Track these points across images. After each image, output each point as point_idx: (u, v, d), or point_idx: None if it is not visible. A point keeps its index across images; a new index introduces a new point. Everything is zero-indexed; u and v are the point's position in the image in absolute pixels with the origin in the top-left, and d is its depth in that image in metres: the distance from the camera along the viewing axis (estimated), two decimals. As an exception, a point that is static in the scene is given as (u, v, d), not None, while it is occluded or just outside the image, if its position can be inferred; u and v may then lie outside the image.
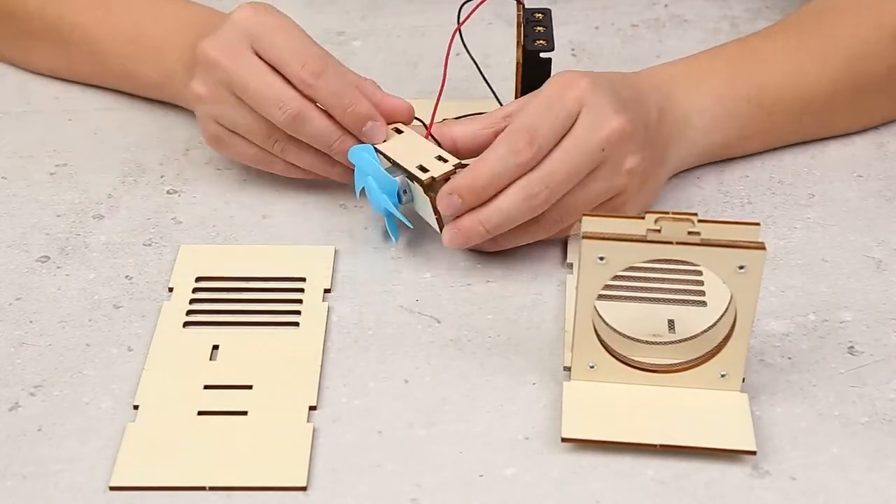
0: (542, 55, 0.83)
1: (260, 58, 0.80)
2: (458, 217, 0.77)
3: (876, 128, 0.93)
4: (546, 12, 0.86)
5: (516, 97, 0.85)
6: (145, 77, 0.91)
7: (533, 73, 0.83)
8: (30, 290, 0.80)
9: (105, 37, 0.92)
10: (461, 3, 0.83)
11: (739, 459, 0.69)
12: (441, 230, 0.79)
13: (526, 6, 0.85)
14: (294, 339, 0.76)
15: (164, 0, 0.91)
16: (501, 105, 0.87)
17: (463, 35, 0.83)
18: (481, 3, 0.82)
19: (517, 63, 0.83)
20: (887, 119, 0.93)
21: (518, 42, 0.83)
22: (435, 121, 0.81)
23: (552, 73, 0.81)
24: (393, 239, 0.82)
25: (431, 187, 0.78)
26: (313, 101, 0.80)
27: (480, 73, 0.87)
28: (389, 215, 0.81)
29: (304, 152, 0.83)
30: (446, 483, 0.68)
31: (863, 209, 0.86)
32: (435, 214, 0.79)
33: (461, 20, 0.82)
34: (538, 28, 0.84)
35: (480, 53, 0.88)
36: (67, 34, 0.93)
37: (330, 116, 0.80)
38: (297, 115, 0.80)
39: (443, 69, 0.82)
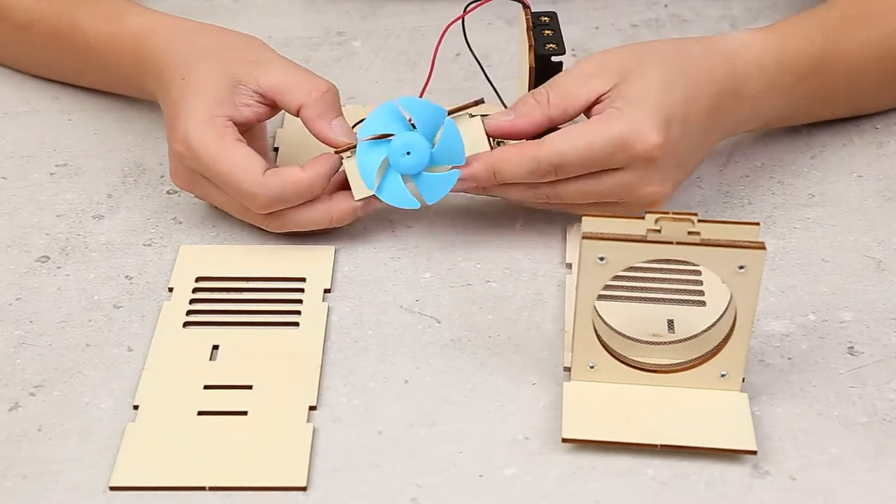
0: (554, 59, 0.83)
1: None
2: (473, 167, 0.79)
3: (876, 128, 0.93)
4: (552, 15, 0.86)
5: None
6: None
7: (545, 77, 0.83)
8: (30, 290, 0.80)
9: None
10: (461, 3, 0.83)
11: (739, 459, 0.69)
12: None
13: (532, 10, 0.85)
14: (294, 339, 0.76)
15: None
16: (505, 106, 0.87)
17: (466, 35, 0.83)
18: (484, 1, 0.82)
19: (530, 67, 0.83)
20: None
21: (530, 46, 0.83)
22: None
23: None
24: (427, 202, 0.80)
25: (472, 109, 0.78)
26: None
27: (484, 72, 0.87)
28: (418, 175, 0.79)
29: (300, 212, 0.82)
30: (446, 483, 0.68)
31: (863, 209, 0.86)
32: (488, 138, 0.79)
33: (464, 14, 0.82)
34: (546, 32, 0.84)
35: (480, 54, 0.88)
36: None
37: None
38: (271, 204, 0.79)
39: (432, 66, 0.82)
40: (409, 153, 0.78)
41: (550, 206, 0.81)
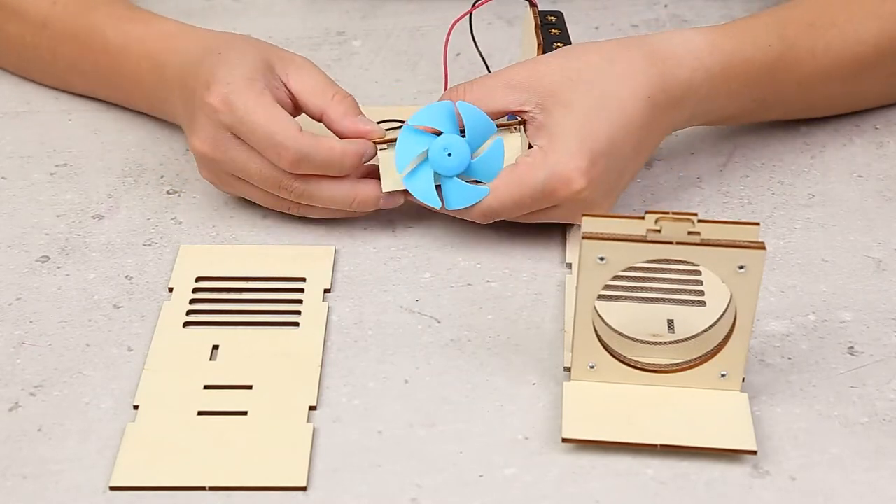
0: None
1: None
2: None
3: (876, 127, 0.93)
4: (559, 15, 0.86)
5: None
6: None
7: None
8: (30, 290, 0.80)
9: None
10: (461, 2, 0.83)
11: (739, 459, 0.69)
12: None
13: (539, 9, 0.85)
14: (294, 339, 0.76)
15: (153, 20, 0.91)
16: None
17: (473, 32, 0.83)
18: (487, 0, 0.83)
19: None
20: None
21: (539, 44, 0.83)
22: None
23: None
24: (448, 207, 0.80)
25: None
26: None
27: (488, 70, 0.87)
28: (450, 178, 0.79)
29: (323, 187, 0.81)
30: (446, 483, 0.68)
31: (863, 209, 0.86)
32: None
33: (470, 10, 0.82)
34: (553, 31, 0.85)
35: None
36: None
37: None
38: (299, 161, 0.79)
39: (443, 68, 0.82)
40: (450, 154, 0.78)
41: None
